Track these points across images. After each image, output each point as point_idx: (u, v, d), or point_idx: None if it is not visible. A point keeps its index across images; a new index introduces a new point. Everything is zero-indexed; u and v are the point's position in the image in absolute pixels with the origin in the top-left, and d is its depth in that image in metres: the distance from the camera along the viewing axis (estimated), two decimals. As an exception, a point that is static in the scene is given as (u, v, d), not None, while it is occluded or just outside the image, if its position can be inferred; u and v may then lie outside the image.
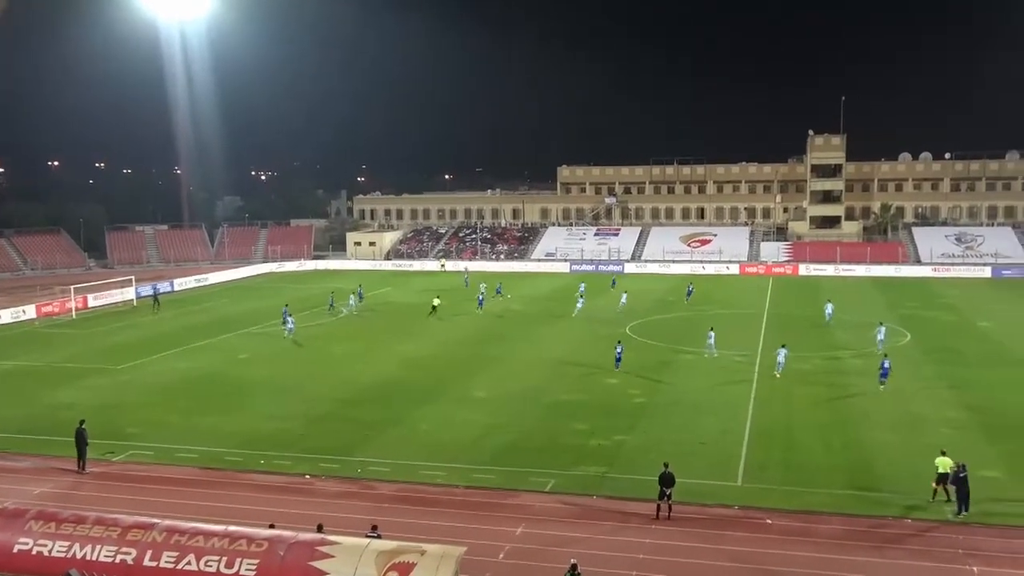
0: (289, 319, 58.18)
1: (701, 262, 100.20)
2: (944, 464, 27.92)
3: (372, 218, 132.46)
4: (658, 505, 26.94)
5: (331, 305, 68.78)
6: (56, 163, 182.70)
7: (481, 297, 69.71)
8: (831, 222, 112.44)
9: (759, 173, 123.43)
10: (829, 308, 62.16)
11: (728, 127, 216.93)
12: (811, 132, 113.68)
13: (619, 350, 47.07)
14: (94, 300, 74.40)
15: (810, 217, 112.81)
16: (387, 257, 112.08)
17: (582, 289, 73.53)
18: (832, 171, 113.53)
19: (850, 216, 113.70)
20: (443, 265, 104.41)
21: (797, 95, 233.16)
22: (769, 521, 26.97)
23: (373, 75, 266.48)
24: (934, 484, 28.06)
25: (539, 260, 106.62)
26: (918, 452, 32.74)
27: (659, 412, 39.03)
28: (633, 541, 25.72)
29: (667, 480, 27.06)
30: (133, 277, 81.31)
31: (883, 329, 51.14)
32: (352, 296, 70.26)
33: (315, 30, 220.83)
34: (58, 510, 24.02)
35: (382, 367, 48.81)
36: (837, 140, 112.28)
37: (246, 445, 34.77)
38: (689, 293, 74.26)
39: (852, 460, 32.25)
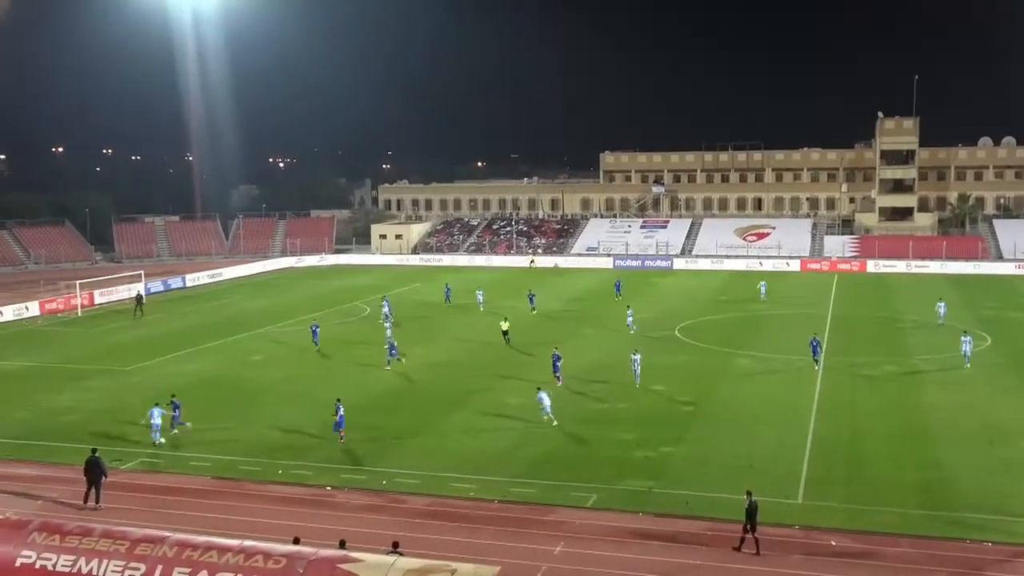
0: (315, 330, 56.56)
1: (758, 257, 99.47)
2: None
3: (398, 209, 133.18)
4: (743, 537, 26.26)
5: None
6: (60, 150, 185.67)
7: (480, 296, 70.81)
8: (902, 214, 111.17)
9: (822, 160, 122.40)
10: (942, 307, 60.26)
11: (788, 109, 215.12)
12: (880, 114, 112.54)
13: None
14: (100, 296, 75.50)
15: (879, 208, 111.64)
16: (414, 251, 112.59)
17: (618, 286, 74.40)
18: (904, 157, 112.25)
19: (924, 207, 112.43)
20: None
21: (864, 74, 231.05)
22: (833, 542, 26.72)
23: (399, 55, 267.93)
24: None
25: (580, 255, 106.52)
26: (998, 468, 32.33)
27: (711, 421, 38.85)
28: (683, 563, 25.61)
29: (754, 510, 26.23)
30: (143, 272, 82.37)
31: (969, 339, 48.61)
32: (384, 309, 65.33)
33: (336, 8, 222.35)
34: (63, 521, 24.41)
35: (404, 370, 49.01)
36: (909, 123, 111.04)
37: (262, 454, 35.11)
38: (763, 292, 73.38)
39: (925, 476, 31.88)
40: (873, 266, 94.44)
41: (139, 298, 71.79)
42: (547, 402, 38.14)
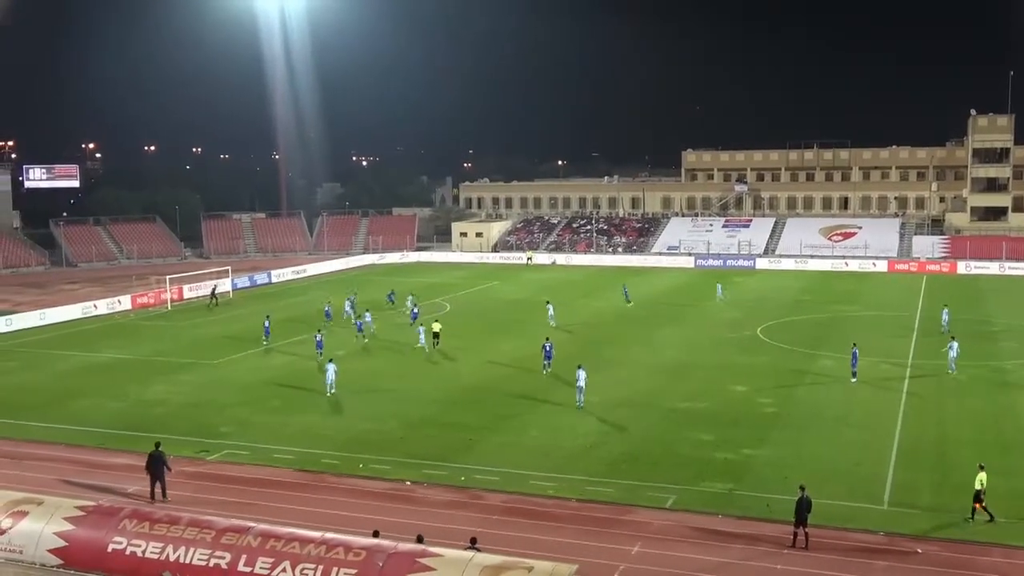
0: (368, 315, 59.09)
1: (844, 257, 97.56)
2: (982, 480, 27.81)
3: (479, 207, 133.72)
4: (795, 532, 26.28)
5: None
6: (152, 148, 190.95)
7: (415, 311, 63.17)
8: (996, 214, 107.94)
9: (912, 158, 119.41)
10: (945, 315, 58.24)
11: (876, 106, 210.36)
12: (973, 111, 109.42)
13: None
14: (189, 291, 77.37)
15: (971, 208, 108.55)
16: (494, 249, 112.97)
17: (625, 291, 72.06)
18: (998, 156, 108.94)
19: (1018, 207, 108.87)
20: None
21: (956, 69, 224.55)
22: (919, 550, 26.07)
23: (480, 54, 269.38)
24: (974, 503, 27.84)
25: (660, 254, 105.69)
26: (1097, 478, 31.16)
27: (794, 424, 38.21)
28: (763, 567, 25.25)
29: (805, 505, 26.33)
30: (230, 267, 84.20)
31: (955, 345, 47.04)
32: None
33: (419, 9, 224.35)
34: (152, 509, 25.11)
35: (485, 367, 49.27)
36: (1004, 120, 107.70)
37: (343, 447, 35.63)
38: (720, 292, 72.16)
39: (1016, 485, 30.85)
40: (964, 267, 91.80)
41: (213, 293, 74.87)
42: (331, 376, 43.26)
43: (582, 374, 40.72)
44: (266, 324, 58.64)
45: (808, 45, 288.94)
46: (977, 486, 27.72)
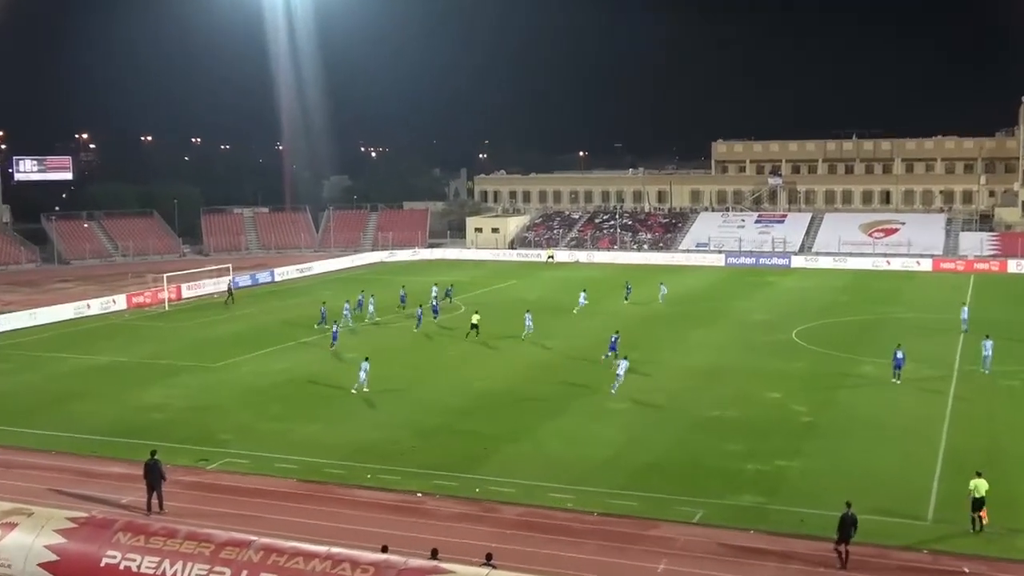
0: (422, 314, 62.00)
1: (885, 255, 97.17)
2: (981, 488, 27.80)
3: (495, 201, 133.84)
4: (837, 550, 26.04)
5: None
6: (149, 139, 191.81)
7: (435, 303, 66.00)
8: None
9: (958, 149, 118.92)
10: (965, 312, 58.63)
11: (921, 93, 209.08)
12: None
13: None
14: (188, 290, 77.74)
15: (1022, 203, 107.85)
16: (511, 245, 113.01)
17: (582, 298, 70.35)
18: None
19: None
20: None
21: (1006, 55, 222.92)
22: (967, 570, 25.93)
23: (496, 39, 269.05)
24: (972, 512, 27.87)
25: (688, 251, 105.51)
26: None
27: (831, 433, 38.06)
28: (797, 585, 25.15)
29: (850, 522, 26.09)
30: (230, 265, 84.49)
31: (989, 344, 47.41)
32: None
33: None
34: (148, 522, 25.20)
35: (502, 372, 49.26)
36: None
37: (350, 457, 35.68)
38: (628, 292, 72.40)
39: (1072, 499, 30.66)
40: (1015, 266, 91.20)
41: (229, 290, 76.69)
42: (363, 375, 43.98)
43: (624, 364, 44.16)
44: (323, 310, 62.91)
45: (847, 29, 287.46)
46: (979, 494, 27.81)
